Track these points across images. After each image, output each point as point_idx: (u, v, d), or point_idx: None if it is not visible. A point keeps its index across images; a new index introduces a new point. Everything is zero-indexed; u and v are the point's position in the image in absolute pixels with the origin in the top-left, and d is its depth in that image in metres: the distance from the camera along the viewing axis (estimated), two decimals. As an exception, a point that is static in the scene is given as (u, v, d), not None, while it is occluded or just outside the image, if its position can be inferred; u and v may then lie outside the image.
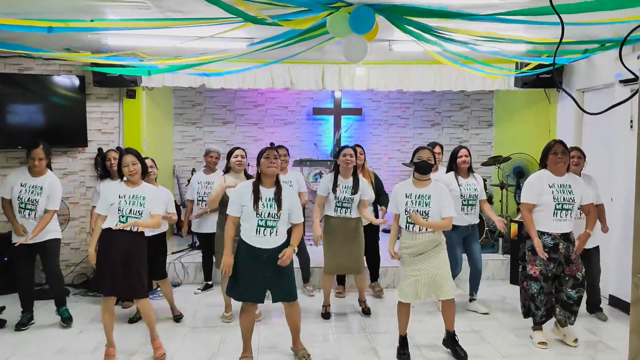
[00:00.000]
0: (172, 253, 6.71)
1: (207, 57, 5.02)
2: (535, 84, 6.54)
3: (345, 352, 4.40)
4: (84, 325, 4.98)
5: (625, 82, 5.38)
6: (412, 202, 4.05)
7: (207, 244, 5.90)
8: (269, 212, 3.83)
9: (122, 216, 4.03)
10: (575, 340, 4.46)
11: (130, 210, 4.04)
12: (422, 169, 4.09)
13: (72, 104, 6.34)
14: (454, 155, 5.29)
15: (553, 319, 4.57)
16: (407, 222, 4.06)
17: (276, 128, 8.64)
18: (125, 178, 4.16)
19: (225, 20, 3.78)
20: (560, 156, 4.30)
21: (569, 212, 4.29)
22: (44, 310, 5.33)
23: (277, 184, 3.95)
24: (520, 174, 7.25)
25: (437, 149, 5.76)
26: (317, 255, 6.45)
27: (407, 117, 8.78)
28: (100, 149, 6.43)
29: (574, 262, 4.31)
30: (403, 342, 4.27)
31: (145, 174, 4.24)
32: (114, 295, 4.09)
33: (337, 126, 8.52)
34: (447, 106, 8.76)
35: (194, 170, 7.62)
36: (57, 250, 5.04)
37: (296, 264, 4.00)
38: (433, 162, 4.12)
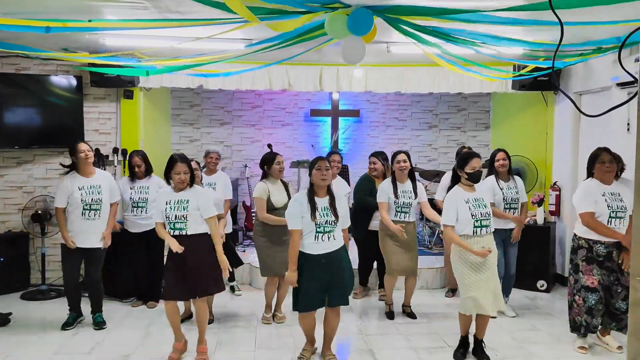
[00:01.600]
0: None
1: (205, 58, 5.01)
2: (533, 86, 6.55)
3: (341, 354, 4.39)
4: (79, 327, 4.96)
5: (622, 85, 5.39)
6: (473, 205, 4.07)
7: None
8: (327, 220, 3.88)
9: (170, 222, 4.11)
10: (620, 347, 4.37)
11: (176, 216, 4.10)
12: (476, 178, 4.15)
13: (70, 104, 6.33)
14: (492, 159, 5.30)
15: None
16: (474, 226, 4.04)
17: (274, 129, 8.63)
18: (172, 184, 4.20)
19: (223, 21, 3.77)
20: (608, 165, 4.25)
21: (622, 219, 4.19)
22: (40, 310, 5.32)
23: (330, 192, 3.99)
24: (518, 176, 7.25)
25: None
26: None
27: (405, 119, 8.78)
28: (124, 150, 6.45)
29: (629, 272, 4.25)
30: (464, 341, 4.30)
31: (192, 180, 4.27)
32: (172, 299, 4.12)
33: (334, 128, 8.51)
34: (445, 108, 8.77)
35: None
36: (102, 258, 5.04)
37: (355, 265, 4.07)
38: (482, 170, 4.21)
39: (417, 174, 5.88)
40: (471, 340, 4.32)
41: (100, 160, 6.43)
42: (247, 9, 3.14)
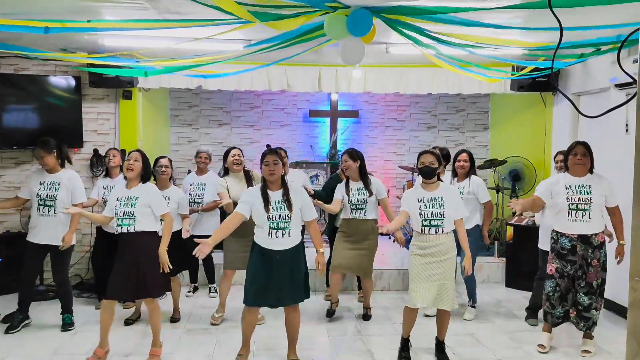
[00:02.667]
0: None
1: (204, 58, 5.01)
2: (532, 87, 6.56)
3: (340, 355, 4.40)
4: (78, 327, 4.95)
5: (620, 86, 5.40)
6: (425, 205, 4.03)
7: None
8: (280, 215, 3.83)
9: (118, 219, 4.07)
10: (585, 352, 4.37)
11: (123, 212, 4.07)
12: (425, 174, 4.08)
13: (68, 104, 6.32)
14: (454, 159, 5.31)
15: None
16: (422, 225, 4.04)
17: (272, 130, 8.63)
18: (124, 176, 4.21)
19: (222, 22, 3.77)
20: (580, 157, 4.29)
21: (586, 212, 4.24)
22: (39, 311, 5.31)
23: (284, 185, 3.94)
24: (516, 177, 7.27)
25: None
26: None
27: (404, 119, 8.79)
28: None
29: (594, 267, 4.26)
30: (405, 344, 4.27)
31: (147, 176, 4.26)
32: (122, 299, 4.07)
33: (333, 128, 8.52)
34: (443, 109, 8.78)
35: (189, 172, 7.59)
36: (67, 257, 5.02)
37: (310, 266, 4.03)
38: (436, 166, 4.07)
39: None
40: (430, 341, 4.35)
41: (99, 160, 6.43)
42: (240, 7, 3.14)
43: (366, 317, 5.28)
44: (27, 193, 4.91)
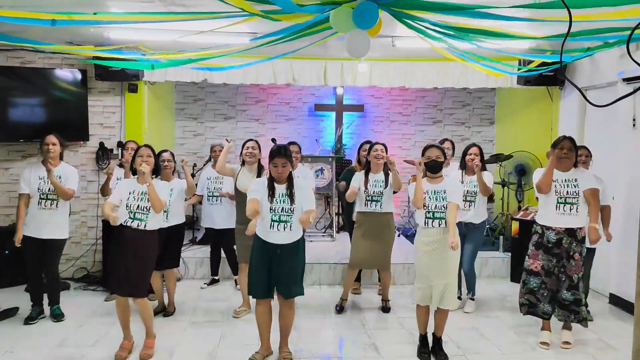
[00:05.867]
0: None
1: (210, 51, 5.00)
2: (538, 81, 6.53)
3: (346, 348, 4.41)
4: (84, 319, 4.98)
5: (628, 80, 5.36)
6: (429, 198, 4.04)
7: (216, 240, 5.95)
8: (283, 207, 3.87)
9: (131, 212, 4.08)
10: (565, 343, 4.42)
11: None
12: (432, 168, 4.08)
13: (74, 97, 6.33)
14: (464, 153, 5.31)
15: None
16: (425, 217, 4.05)
17: (278, 124, 8.63)
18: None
19: (228, 14, 3.76)
20: (566, 152, 4.30)
21: (574, 206, 4.27)
22: (45, 303, 5.33)
23: (289, 179, 3.96)
24: (522, 172, 7.24)
25: (446, 144, 5.65)
26: (338, 250, 6.53)
27: (409, 114, 8.77)
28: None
29: (575, 261, 4.29)
30: (424, 340, 4.28)
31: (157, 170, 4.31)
32: (117, 292, 4.09)
33: (338, 123, 8.51)
34: (449, 103, 8.75)
35: (195, 166, 7.62)
36: (61, 251, 5.06)
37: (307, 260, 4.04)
38: (442, 160, 4.10)
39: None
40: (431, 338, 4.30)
41: (105, 154, 6.45)
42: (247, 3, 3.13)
43: (385, 309, 5.30)
44: (26, 188, 4.91)
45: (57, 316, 4.98)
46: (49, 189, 4.84)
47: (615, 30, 3.92)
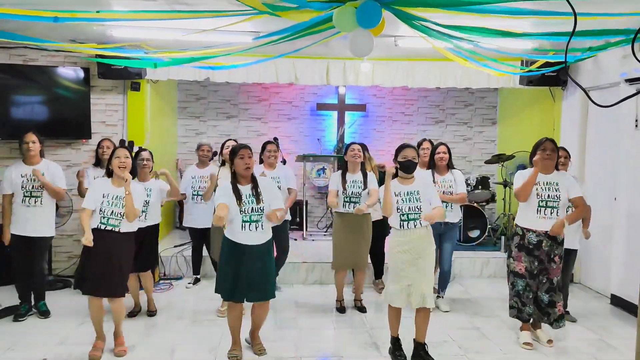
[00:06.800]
0: (175, 246, 6.74)
1: (213, 50, 5.00)
2: (541, 82, 6.52)
3: (346, 347, 4.40)
4: (84, 317, 4.96)
5: (631, 81, 5.36)
6: (402, 199, 3.99)
7: (199, 239, 5.96)
8: (252, 207, 3.87)
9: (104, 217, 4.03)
10: (550, 341, 4.42)
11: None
12: (408, 168, 4.03)
13: (77, 95, 6.34)
14: (432, 152, 5.27)
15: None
16: (400, 219, 3.99)
17: (280, 123, 8.63)
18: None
19: (231, 13, 3.76)
20: (549, 153, 4.27)
21: (554, 209, 4.24)
22: (47, 301, 5.33)
23: (253, 179, 3.98)
24: (524, 173, 7.22)
25: (426, 144, 5.53)
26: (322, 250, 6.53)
27: (411, 113, 8.77)
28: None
29: (556, 264, 4.27)
30: (396, 343, 4.20)
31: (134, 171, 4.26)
32: (94, 294, 4.05)
33: (340, 122, 8.51)
34: (452, 103, 8.75)
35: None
36: (46, 248, 5.08)
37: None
38: (417, 161, 4.08)
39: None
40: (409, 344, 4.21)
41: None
42: None
43: (362, 309, 5.29)
44: (9, 189, 4.89)
45: (44, 312, 4.99)
46: (32, 186, 4.84)
47: (620, 32, 3.92)
